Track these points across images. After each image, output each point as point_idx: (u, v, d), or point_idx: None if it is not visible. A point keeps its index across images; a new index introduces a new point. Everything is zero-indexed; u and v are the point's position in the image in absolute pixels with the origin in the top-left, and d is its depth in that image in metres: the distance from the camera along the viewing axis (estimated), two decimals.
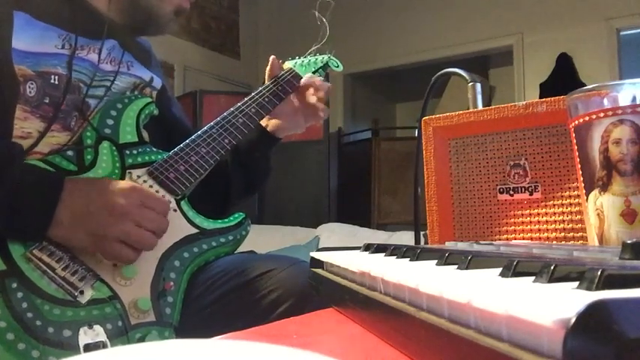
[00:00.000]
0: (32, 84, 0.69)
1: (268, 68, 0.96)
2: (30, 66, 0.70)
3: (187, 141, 0.81)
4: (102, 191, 0.65)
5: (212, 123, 0.85)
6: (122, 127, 0.77)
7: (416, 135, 0.81)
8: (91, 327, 0.61)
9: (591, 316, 0.15)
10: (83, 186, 0.66)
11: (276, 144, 0.98)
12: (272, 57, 0.96)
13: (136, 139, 0.78)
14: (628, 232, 0.43)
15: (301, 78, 0.97)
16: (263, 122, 0.94)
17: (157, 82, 0.89)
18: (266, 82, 0.94)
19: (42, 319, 0.59)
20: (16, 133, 0.68)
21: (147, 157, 0.77)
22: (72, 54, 0.74)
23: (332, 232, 2.84)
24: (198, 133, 0.83)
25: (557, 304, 0.17)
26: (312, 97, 0.95)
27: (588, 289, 0.19)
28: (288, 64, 1.00)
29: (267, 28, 4.50)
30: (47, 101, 0.71)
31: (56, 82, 0.72)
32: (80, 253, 0.65)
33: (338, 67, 1.06)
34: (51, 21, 0.73)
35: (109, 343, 0.60)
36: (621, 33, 3.38)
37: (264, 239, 2.58)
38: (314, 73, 1.00)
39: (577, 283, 0.21)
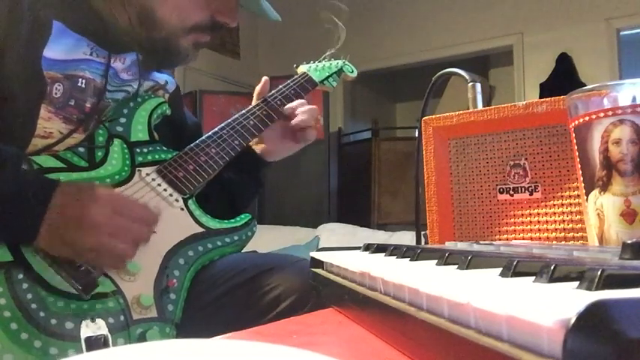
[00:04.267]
0: (59, 85, 0.70)
1: (259, 87, 0.92)
2: (59, 70, 0.71)
3: (197, 141, 0.81)
4: (77, 201, 0.63)
5: (223, 124, 0.85)
6: (134, 126, 0.78)
7: (416, 135, 0.81)
8: (93, 320, 0.61)
9: (591, 316, 0.15)
10: (67, 197, 0.64)
11: (266, 167, 0.95)
12: (265, 78, 0.93)
13: (147, 138, 0.79)
14: (628, 232, 0.43)
15: (315, 82, 0.97)
16: (251, 146, 0.92)
17: (171, 85, 0.90)
18: (254, 101, 0.91)
19: (46, 310, 0.60)
20: (37, 133, 0.68)
21: (157, 156, 0.78)
22: (107, 63, 0.76)
23: (332, 232, 2.85)
24: (209, 133, 0.83)
25: (557, 304, 0.17)
26: (299, 121, 0.92)
27: (588, 289, 0.20)
28: (302, 68, 0.99)
29: (267, 28, 4.50)
30: (72, 103, 0.72)
31: (83, 86, 0.73)
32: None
33: (352, 72, 1.05)
34: (82, 32, 0.74)
35: (110, 337, 0.61)
36: (621, 33, 3.38)
37: (264, 239, 2.58)
38: (328, 78, 0.99)
39: (577, 283, 0.21)
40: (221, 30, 0.82)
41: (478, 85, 0.81)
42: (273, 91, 0.92)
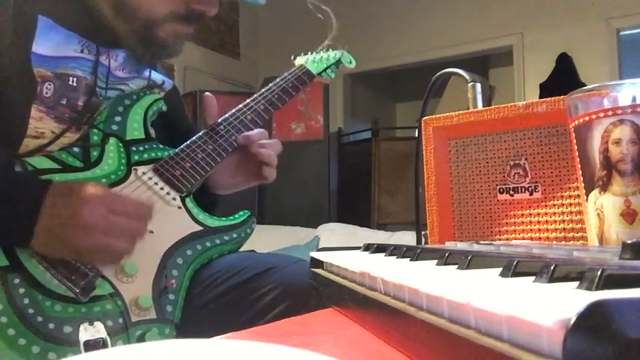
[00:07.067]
0: (50, 85, 0.70)
1: (204, 108, 0.84)
2: (48, 68, 0.70)
3: (194, 138, 0.80)
4: (68, 202, 0.63)
5: (219, 120, 0.84)
6: (129, 124, 0.77)
7: (416, 135, 0.81)
8: (91, 324, 0.60)
9: (591, 316, 0.15)
10: (59, 198, 0.63)
11: (215, 199, 0.88)
12: (206, 94, 0.85)
13: (143, 136, 0.78)
14: (628, 232, 0.43)
15: (312, 74, 0.95)
16: None
17: (168, 84, 0.89)
18: (205, 124, 0.84)
19: (43, 315, 0.59)
20: (29, 133, 0.68)
21: (153, 154, 0.77)
22: (96, 60, 0.75)
23: (332, 232, 2.84)
24: (205, 130, 0.82)
25: (557, 304, 0.17)
26: (261, 152, 0.85)
27: (588, 289, 0.20)
28: (299, 60, 0.98)
29: (267, 28, 4.50)
30: (64, 102, 0.71)
31: (74, 85, 0.72)
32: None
33: (351, 63, 1.03)
34: (72, 27, 0.73)
35: (109, 340, 0.60)
36: (621, 33, 3.38)
37: (264, 239, 2.58)
38: (326, 69, 0.98)
39: (577, 283, 0.21)
40: (201, 20, 0.78)
41: (478, 85, 0.81)
42: (270, 85, 0.91)
